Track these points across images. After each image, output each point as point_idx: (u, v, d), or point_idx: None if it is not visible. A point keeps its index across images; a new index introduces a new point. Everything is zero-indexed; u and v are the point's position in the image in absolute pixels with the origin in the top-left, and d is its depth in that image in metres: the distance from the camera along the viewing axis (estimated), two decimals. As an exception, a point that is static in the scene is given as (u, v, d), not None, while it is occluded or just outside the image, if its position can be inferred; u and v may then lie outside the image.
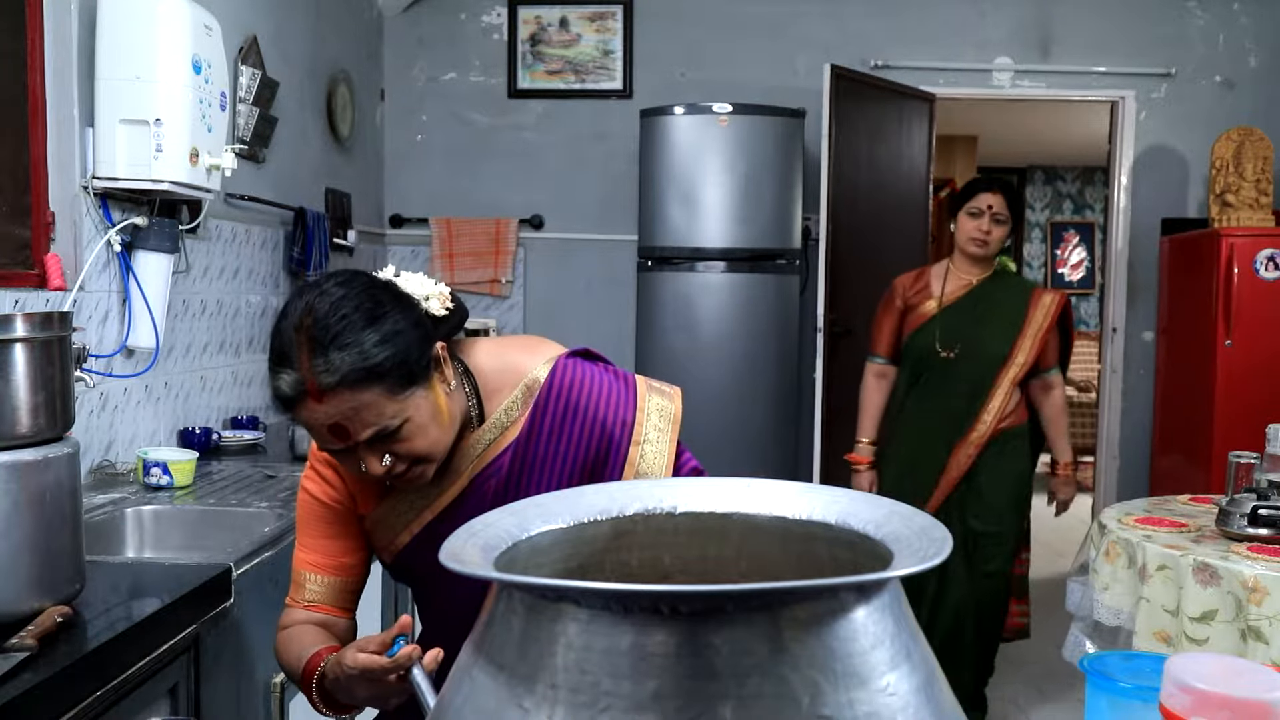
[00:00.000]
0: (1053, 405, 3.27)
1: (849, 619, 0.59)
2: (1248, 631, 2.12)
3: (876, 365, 3.31)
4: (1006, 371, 3.13)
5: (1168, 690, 0.82)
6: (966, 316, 3.15)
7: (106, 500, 2.33)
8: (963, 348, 3.13)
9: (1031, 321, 3.15)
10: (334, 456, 1.27)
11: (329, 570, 1.42)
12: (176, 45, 2.49)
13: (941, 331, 3.15)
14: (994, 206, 3.10)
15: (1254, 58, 4.72)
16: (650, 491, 0.80)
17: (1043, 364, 3.22)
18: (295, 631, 1.39)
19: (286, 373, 1.19)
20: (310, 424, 1.22)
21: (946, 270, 3.24)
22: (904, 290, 3.27)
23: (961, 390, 3.15)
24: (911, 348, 3.22)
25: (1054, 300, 3.21)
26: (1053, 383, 3.26)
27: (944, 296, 3.19)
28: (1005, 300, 3.18)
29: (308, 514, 1.42)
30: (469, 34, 4.89)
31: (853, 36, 4.74)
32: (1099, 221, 9.15)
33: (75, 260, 2.45)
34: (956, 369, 3.14)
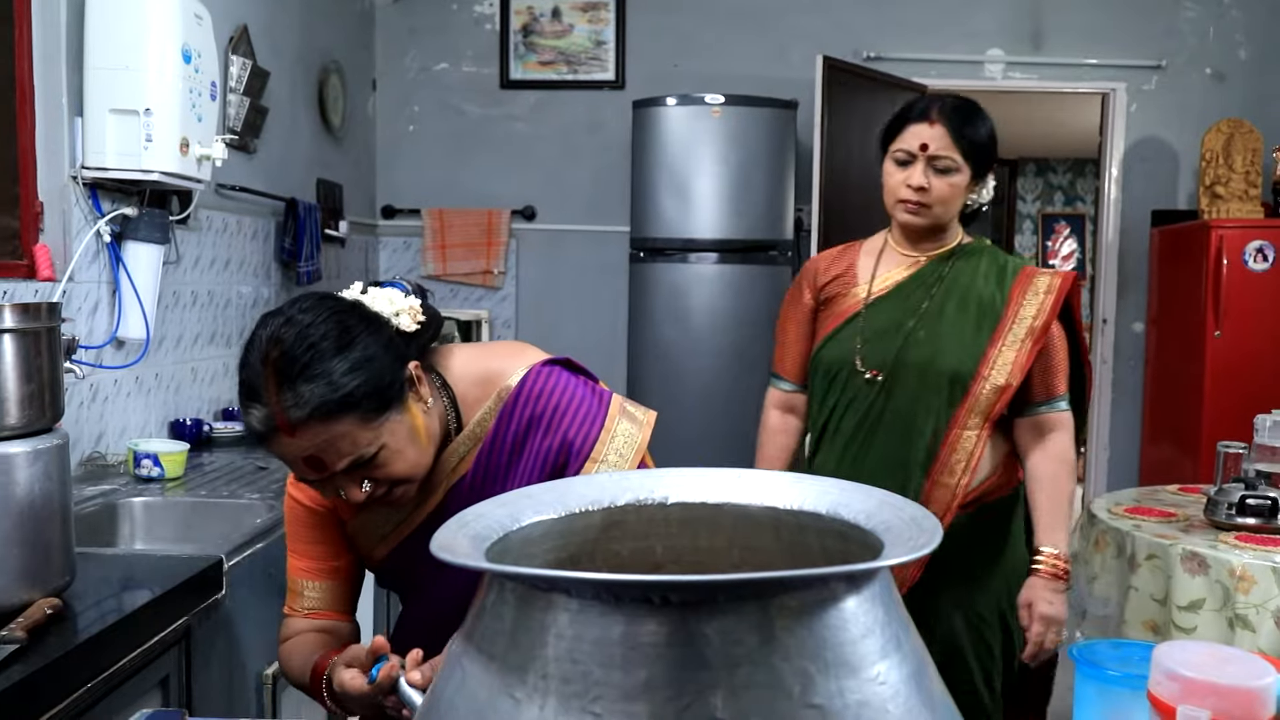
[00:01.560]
0: (1048, 460, 1.94)
1: (839, 608, 0.59)
2: (1235, 620, 2.13)
3: (779, 392, 2.14)
4: (972, 400, 1.91)
5: (1156, 678, 0.82)
6: (906, 315, 1.97)
7: (97, 492, 2.32)
8: (899, 365, 1.94)
9: (1015, 317, 1.93)
10: (312, 486, 1.25)
11: (323, 575, 1.41)
12: (166, 34, 2.48)
13: (865, 340, 1.97)
14: (931, 145, 1.91)
15: (1244, 50, 4.73)
16: (642, 482, 0.80)
17: (1039, 390, 1.94)
18: (297, 642, 1.39)
19: (256, 408, 1.16)
20: (284, 457, 1.20)
21: (882, 246, 2.07)
22: (817, 276, 2.10)
23: (897, 434, 1.94)
24: (820, 366, 2.03)
25: (1054, 282, 1.96)
26: (1055, 424, 1.95)
27: (873, 285, 2.03)
28: (972, 287, 1.97)
29: (296, 521, 1.41)
30: (461, 24, 4.87)
31: (845, 28, 4.73)
32: (1090, 213, 9.17)
33: (64, 251, 2.44)
34: (889, 400, 1.94)
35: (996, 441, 1.96)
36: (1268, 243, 4.26)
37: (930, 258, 2.02)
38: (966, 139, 1.92)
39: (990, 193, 2.03)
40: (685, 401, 4.15)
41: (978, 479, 1.92)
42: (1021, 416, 1.97)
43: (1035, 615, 1.89)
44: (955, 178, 1.94)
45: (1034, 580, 1.91)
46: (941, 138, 1.92)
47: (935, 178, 1.93)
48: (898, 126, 1.98)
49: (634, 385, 4.39)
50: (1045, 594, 1.89)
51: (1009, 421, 1.97)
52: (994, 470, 1.95)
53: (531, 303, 4.94)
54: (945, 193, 1.94)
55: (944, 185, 1.93)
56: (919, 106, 1.96)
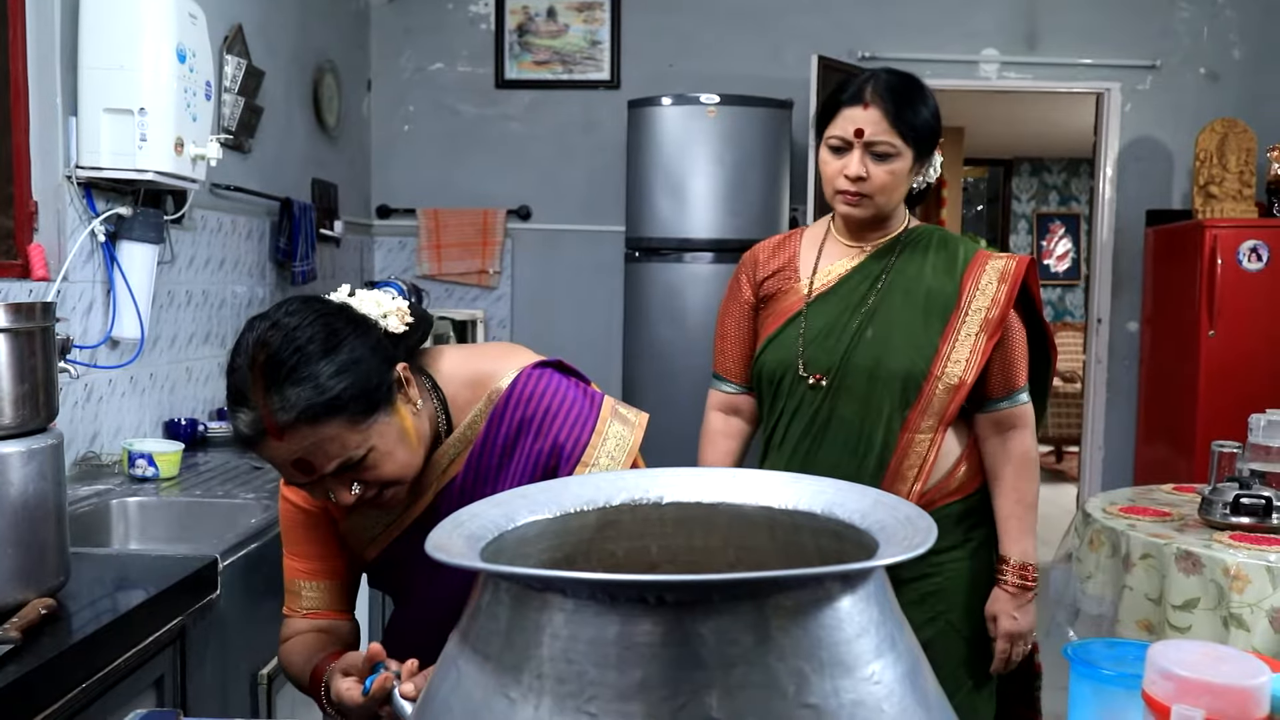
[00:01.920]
0: (1009, 461, 1.83)
1: (834, 608, 0.59)
2: (1230, 619, 2.14)
3: (720, 394, 2.00)
4: (925, 401, 1.78)
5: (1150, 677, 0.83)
6: (850, 313, 1.82)
7: (91, 492, 2.32)
8: (845, 368, 1.80)
9: (967, 309, 1.80)
10: (302, 489, 1.26)
11: (320, 575, 1.41)
12: (161, 34, 2.47)
13: (808, 342, 1.83)
14: (867, 130, 1.74)
15: (1238, 50, 4.74)
16: (637, 481, 0.80)
17: (997, 384, 1.82)
18: (296, 643, 1.39)
19: (244, 411, 1.16)
20: (273, 461, 1.20)
21: (824, 235, 1.91)
22: (756, 269, 1.96)
23: (844, 443, 1.81)
24: (763, 371, 1.89)
25: (1008, 268, 1.82)
26: (1015, 419, 1.83)
27: (814, 281, 1.87)
28: (920, 278, 1.83)
29: (291, 522, 1.41)
30: (456, 24, 4.87)
31: (839, 27, 4.73)
32: (1084, 213, 9.19)
33: (59, 250, 2.43)
34: (835, 406, 1.81)
35: (952, 442, 1.83)
36: (1261, 242, 4.28)
37: (875, 247, 1.86)
38: (905, 122, 1.75)
39: (937, 170, 1.86)
40: (680, 401, 4.14)
41: (930, 482, 1.80)
42: (981, 412, 1.84)
43: (1000, 630, 1.81)
44: (895, 164, 1.76)
45: (998, 593, 1.83)
46: (878, 122, 1.74)
47: (874, 165, 1.76)
48: (831, 110, 1.80)
49: (629, 385, 4.39)
50: (1010, 607, 1.81)
51: (968, 416, 1.85)
52: (951, 471, 1.83)
53: (527, 302, 4.93)
54: (885, 181, 1.77)
55: (883, 173, 1.76)
56: (852, 88, 1.78)
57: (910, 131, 1.76)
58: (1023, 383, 1.84)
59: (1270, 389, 3.95)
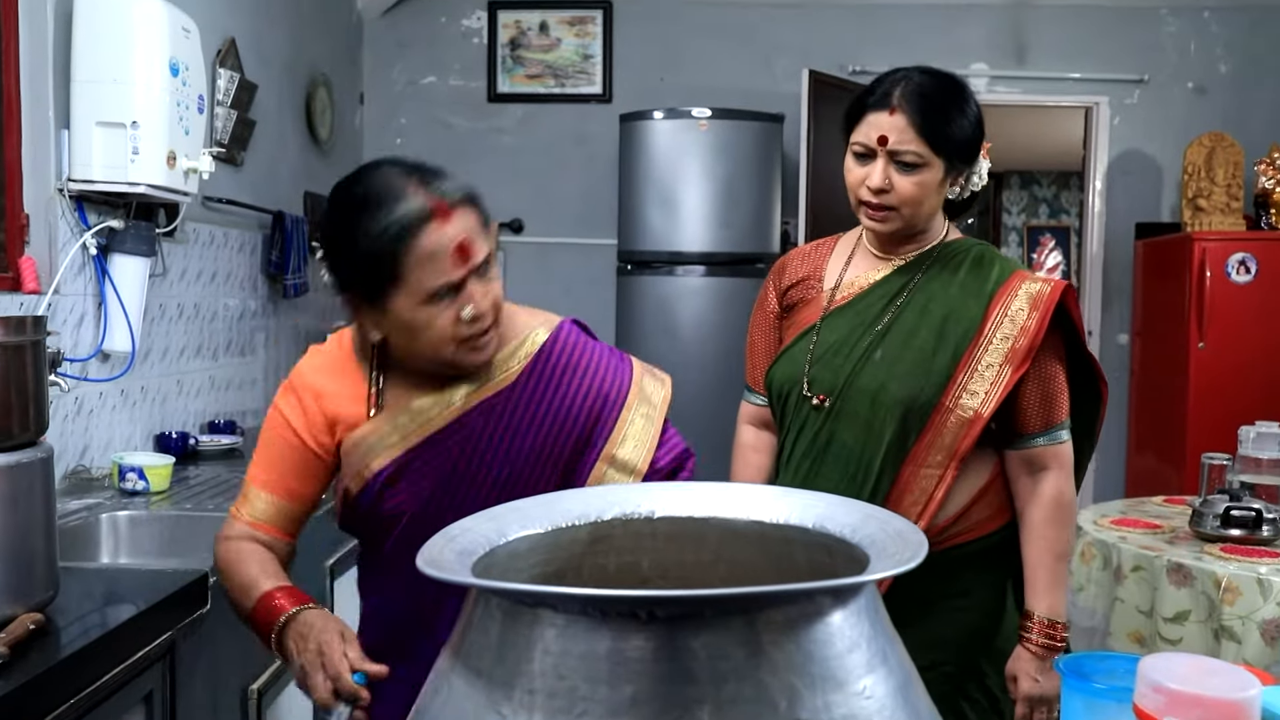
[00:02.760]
0: (1039, 506, 1.64)
1: (825, 623, 0.59)
2: (1221, 631, 2.14)
3: (752, 406, 1.88)
4: (933, 434, 1.60)
5: (1141, 690, 0.83)
6: (862, 331, 1.67)
7: (81, 506, 2.31)
8: (848, 390, 1.65)
9: (993, 334, 1.61)
10: (435, 301, 1.29)
11: (281, 492, 1.43)
12: (153, 48, 2.47)
13: (815, 358, 1.68)
14: (891, 138, 1.60)
15: (1224, 64, 4.77)
16: (628, 496, 0.80)
17: (1034, 419, 1.64)
18: (243, 549, 1.40)
19: (404, 202, 1.25)
20: (435, 249, 1.26)
21: (855, 245, 1.79)
22: (783, 276, 1.83)
23: (842, 471, 1.65)
24: (771, 386, 1.76)
25: (1042, 291, 1.63)
26: (1050, 458, 1.64)
27: (836, 292, 1.73)
28: (942, 297, 1.65)
29: (275, 437, 1.44)
30: (449, 37, 4.88)
31: (830, 42, 4.76)
32: (1074, 225, 9.23)
33: (50, 263, 2.43)
34: (836, 430, 1.66)
35: (969, 477, 1.63)
36: (1250, 255, 4.30)
37: (905, 260, 1.70)
38: (936, 130, 1.58)
39: (983, 178, 1.71)
40: (672, 414, 4.14)
41: (936, 521, 1.60)
42: (1012, 449, 1.65)
43: (1020, 693, 1.60)
44: (922, 175, 1.60)
45: (1021, 651, 1.63)
46: (904, 129, 1.58)
47: (898, 176, 1.60)
48: (857, 113, 1.65)
49: (621, 398, 4.38)
50: (1032, 669, 1.60)
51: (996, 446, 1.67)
52: (963, 510, 1.63)
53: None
54: (911, 193, 1.61)
55: (909, 185, 1.60)
56: (880, 89, 1.62)
57: (941, 141, 1.59)
58: (1063, 418, 1.65)
59: (1260, 401, 3.97)
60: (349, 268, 1.32)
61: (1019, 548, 1.67)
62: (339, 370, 1.44)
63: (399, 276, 1.27)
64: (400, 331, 1.33)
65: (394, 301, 1.30)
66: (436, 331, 1.31)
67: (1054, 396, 1.64)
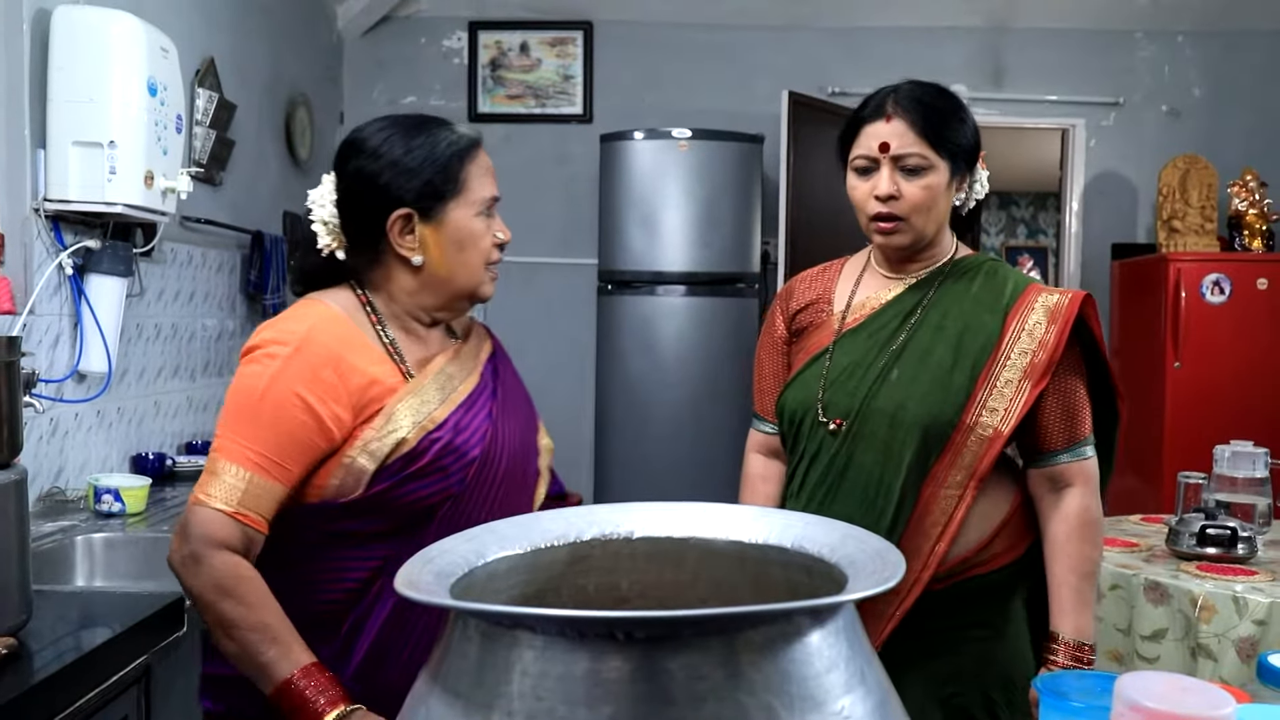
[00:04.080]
0: (1066, 520, 1.60)
1: (804, 643, 0.59)
2: (1197, 649, 2.15)
3: (760, 435, 1.84)
4: (953, 453, 1.56)
5: (1119, 709, 0.83)
6: (878, 352, 1.63)
7: (55, 528, 2.28)
8: (865, 412, 1.61)
9: (1010, 349, 1.58)
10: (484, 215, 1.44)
11: (276, 476, 1.28)
12: (131, 67, 2.47)
13: (830, 382, 1.65)
14: (893, 144, 1.58)
15: (1198, 88, 4.84)
16: (607, 516, 0.80)
17: (1057, 435, 1.60)
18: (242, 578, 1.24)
19: (457, 127, 1.46)
20: (488, 165, 1.46)
21: (864, 266, 1.75)
22: (791, 300, 1.80)
23: (861, 495, 1.60)
24: (784, 411, 1.71)
25: (1060, 303, 1.60)
26: (1075, 475, 1.60)
27: (848, 314, 1.70)
28: (958, 313, 1.62)
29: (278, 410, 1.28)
30: (429, 58, 4.89)
31: (809, 64, 4.79)
32: (1052, 246, 9.31)
33: (25, 283, 2.41)
34: (853, 454, 1.61)
35: (993, 500, 1.59)
36: (1224, 275, 4.34)
37: (916, 278, 1.67)
38: (936, 131, 1.58)
39: (984, 185, 1.70)
40: (653, 434, 4.15)
41: (959, 545, 1.55)
42: (1034, 466, 1.61)
43: None
44: (930, 178, 1.58)
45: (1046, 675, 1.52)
46: (904, 134, 1.58)
47: (906, 181, 1.58)
48: (853, 130, 1.64)
49: (602, 418, 4.38)
50: None
51: (1017, 474, 1.64)
52: (986, 536, 1.57)
53: (499, 334, 4.87)
54: (921, 198, 1.58)
55: (917, 189, 1.58)
56: (874, 102, 1.63)
57: (942, 141, 1.58)
58: (1088, 433, 1.61)
59: (1235, 420, 4.00)
60: (415, 179, 1.38)
61: (1035, 570, 1.63)
62: (345, 332, 1.36)
63: (464, 183, 1.41)
64: (453, 244, 1.41)
65: (454, 211, 1.41)
66: (484, 245, 1.44)
67: (1076, 411, 1.60)
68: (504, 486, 1.42)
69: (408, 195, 1.37)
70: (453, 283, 1.42)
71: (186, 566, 1.26)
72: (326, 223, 1.44)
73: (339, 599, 1.32)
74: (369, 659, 1.33)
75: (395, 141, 1.40)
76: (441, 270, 1.41)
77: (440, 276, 1.41)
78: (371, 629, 1.33)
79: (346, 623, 1.33)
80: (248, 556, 1.28)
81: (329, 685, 1.20)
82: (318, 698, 1.18)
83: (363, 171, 1.40)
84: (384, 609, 1.34)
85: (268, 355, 1.32)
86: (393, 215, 1.37)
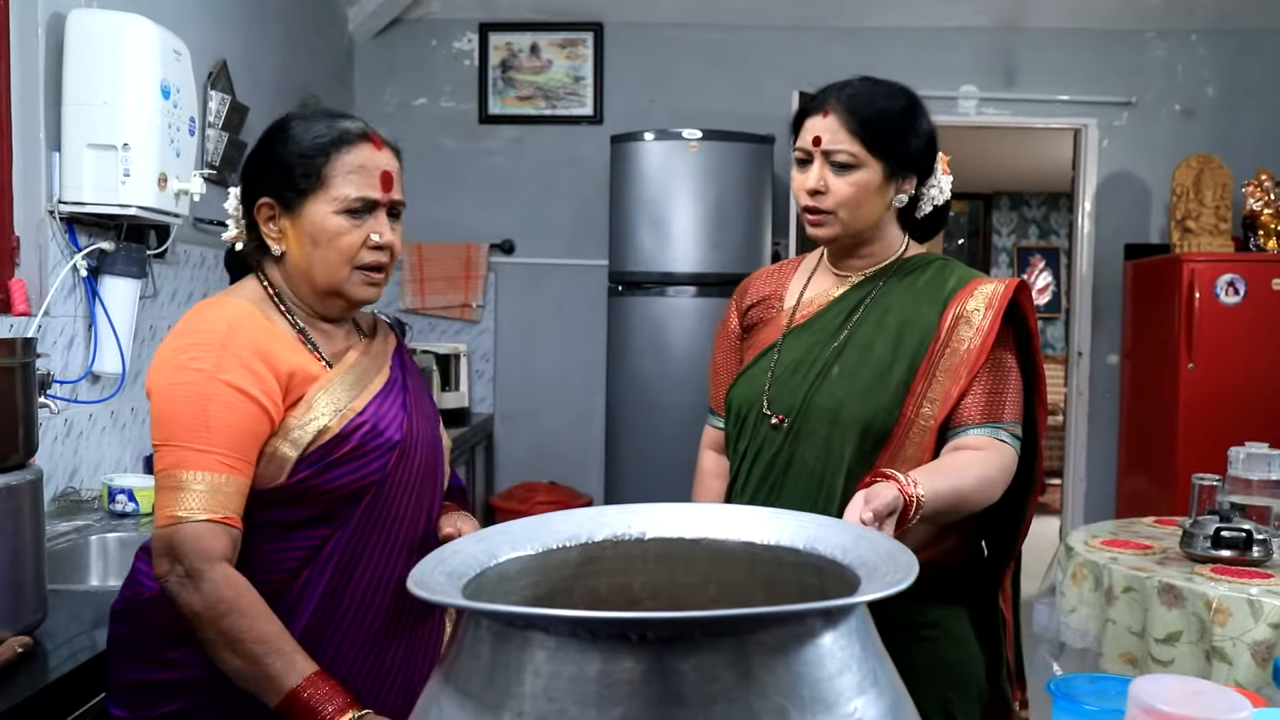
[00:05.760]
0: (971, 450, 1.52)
1: (816, 644, 0.59)
2: (1212, 653, 2.14)
3: (714, 430, 1.85)
4: (895, 447, 1.55)
5: (1132, 713, 0.83)
6: (821, 348, 1.63)
7: (70, 528, 2.29)
8: (807, 408, 1.59)
9: (949, 339, 1.56)
10: (350, 215, 1.38)
11: (244, 473, 1.29)
12: (145, 70, 2.48)
13: (775, 378, 1.65)
14: (824, 138, 1.58)
15: (1211, 88, 4.82)
16: (619, 517, 0.80)
17: (972, 412, 1.54)
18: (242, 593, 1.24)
19: (347, 121, 1.41)
20: (364, 164, 1.38)
21: (817, 263, 1.75)
22: (744, 296, 1.81)
23: (803, 492, 1.58)
24: (731, 406, 1.71)
25: (996, 291, 1.58)
26: (983, 446, 1.53)
27: (796, 311, 1.70)
28: (899, 309, 1.61)
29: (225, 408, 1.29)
30: (440, 60, 4.90)
31: (819, 64, 4.77)
32: (1064, 246, 9.28)
33: (40, 285, 2.42)
34: (796, 450, 1.60)
35: None
36: (1238, 276, 4.32)
37: (861, 278, 1.66)
38: (868, 128, 1.56)
39: (942, 191, 1.68)
40: (663, 434, 4.15)
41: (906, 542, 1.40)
42: (948, 441, 1.54)
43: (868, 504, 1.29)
44: (857, 175, 1.57)
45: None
46: (835, 130, 1.57)
47: (833, 177, 1.58)
48: (798, 122, 1.64)
49: (612, 418, 4.39)
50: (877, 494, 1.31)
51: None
52: (934, 532, 1.53)
53: (510, 336, 4.93)
54: (847, 195, 1.57)
55: (844, 185, 1.57)
56: (820, 96, 1.62)
57: (877, 141, 1.56)
58: (1009, 419, 1.55)
59: (1249, 422, 3.98)
60: (276, 169, 1.38)
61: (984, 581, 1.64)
62: (262, 325, 1.38)
63: (325, 178, 1.37)
64: (308, 239, 1.38)
65: (310, 206, 1.38)
66: (343, 246, 1.38)
67: (1000, 394, 1.55)
68: (420, 475, 1.45)
69: (267, 186, 1.40)
70: (312, 278, 1.41)
71: (185, 586, 1.24)
72: (233, 214, 1.49)
73: (266, 591, 1.29)
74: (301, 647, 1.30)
75: (280, 131, 1.41)
76: (301, 264, 1.41)
77: (301, 270, 1.41)
78: (299, 622, 1.32)
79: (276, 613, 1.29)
80: (233, 561, 1.27)
81: (335, 693, 1.20)
82: (325, 706, 1.19)
83: (250, 158, 1.45)
84: (312, 599, 1.34)
85: (194, 360, 1.31)
86: (257, 203, 1.41)
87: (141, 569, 1.40)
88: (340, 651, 1.36)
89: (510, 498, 4.67)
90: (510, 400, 4.93)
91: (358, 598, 1.37)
